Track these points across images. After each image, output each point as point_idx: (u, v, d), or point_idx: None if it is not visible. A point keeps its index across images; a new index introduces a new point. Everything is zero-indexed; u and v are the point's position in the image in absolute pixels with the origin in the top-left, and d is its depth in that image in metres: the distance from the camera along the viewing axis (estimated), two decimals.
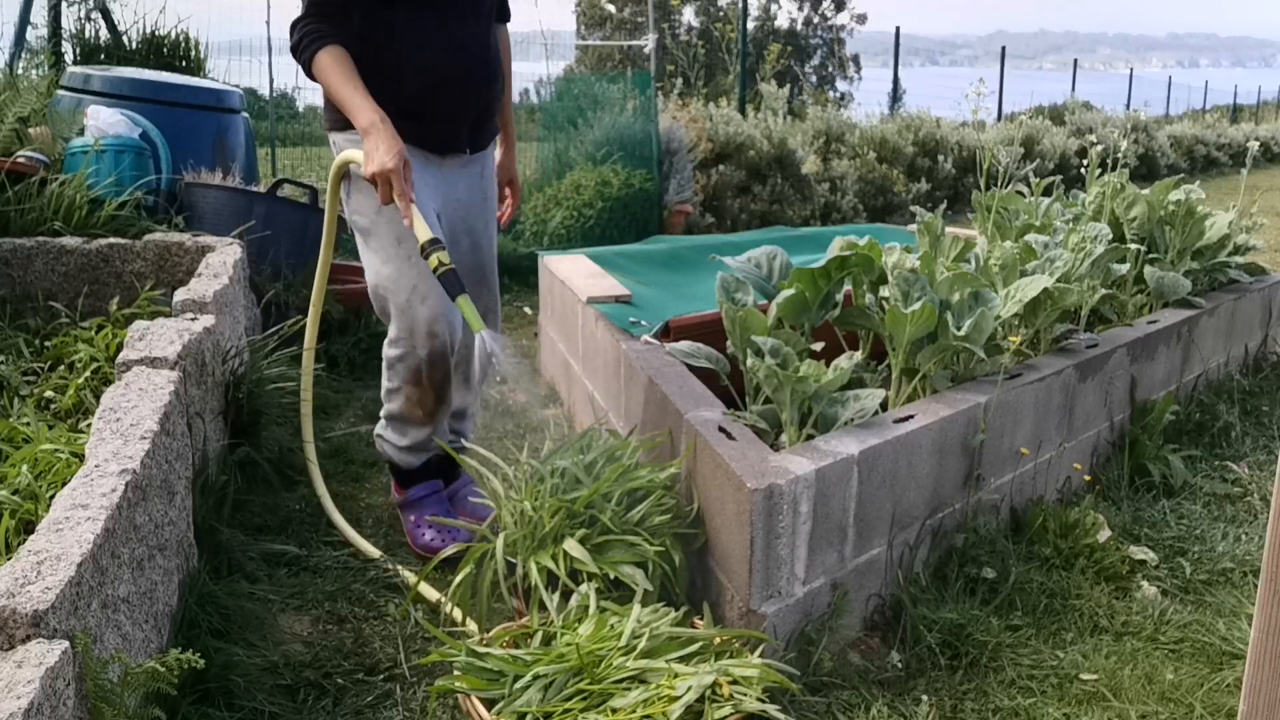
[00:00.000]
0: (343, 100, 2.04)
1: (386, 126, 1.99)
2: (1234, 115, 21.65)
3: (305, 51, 2.05)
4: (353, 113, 2.02)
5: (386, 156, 1.96)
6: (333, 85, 2.05)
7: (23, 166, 3.01)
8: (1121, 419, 2.90)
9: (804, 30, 25.08)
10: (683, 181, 6.19)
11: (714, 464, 1.90)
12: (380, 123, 1.99)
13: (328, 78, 2.05)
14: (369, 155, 1.98)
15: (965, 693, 1.88)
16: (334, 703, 1.82)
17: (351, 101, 2.02)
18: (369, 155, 1.98)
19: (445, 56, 2.18)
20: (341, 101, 2.05)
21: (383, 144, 1.97)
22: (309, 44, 2.05)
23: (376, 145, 1.98)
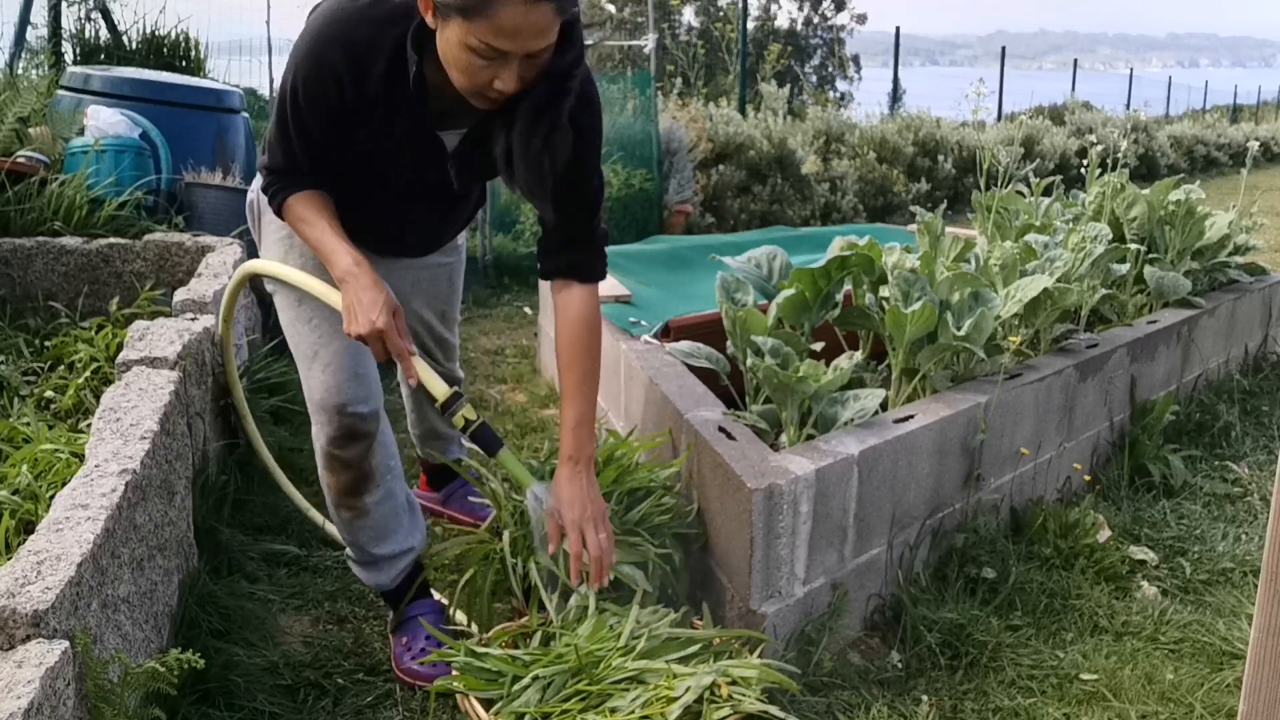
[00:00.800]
0: (315, 244, 1.72)
1: (365, 273, 1.65)
2: (1234, 115, 21.65)
3: (274, 200, 1.76)
4: (327, 258, 1.69)
5: (372, 312, 1.62)
6: (304, 232, 1.73)
7: (23, 166, 3.01)
8: (1121, 419, 2.90)
9: (804, 30, 25.08)
10: (683, 181, 6.19)
11: (714, 464, 1.90)
12: (358, 270, 1.65)
13: (299, 226, 1.74)
14: (350, 311, 1.65)
15: (965, 693, 1.88)
16: (334, 703, 1.82)
17: (325, 245, 1.69)
18: (350, 311, 1.65)
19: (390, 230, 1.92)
20: (315, 246, 1.72)
21: (365, 295, 1.63)
22: (276, 193, 1.75)
23: (358, 298, 1.64)
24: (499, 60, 1.48)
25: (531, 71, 1.53)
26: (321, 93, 1.62)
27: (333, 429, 1.78)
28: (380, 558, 1.91)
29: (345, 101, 1.63)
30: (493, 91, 1.53)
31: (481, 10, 1.43)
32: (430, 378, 1.69)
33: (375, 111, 1.66)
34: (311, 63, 1.61)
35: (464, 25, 1.45)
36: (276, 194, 1.74)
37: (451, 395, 1.70)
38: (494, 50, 1.46)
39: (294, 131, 1.67)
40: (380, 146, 1.72)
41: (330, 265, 1.69)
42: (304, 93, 1.62)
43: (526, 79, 1.53)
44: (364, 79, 1.61)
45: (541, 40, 1.48)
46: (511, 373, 3.78)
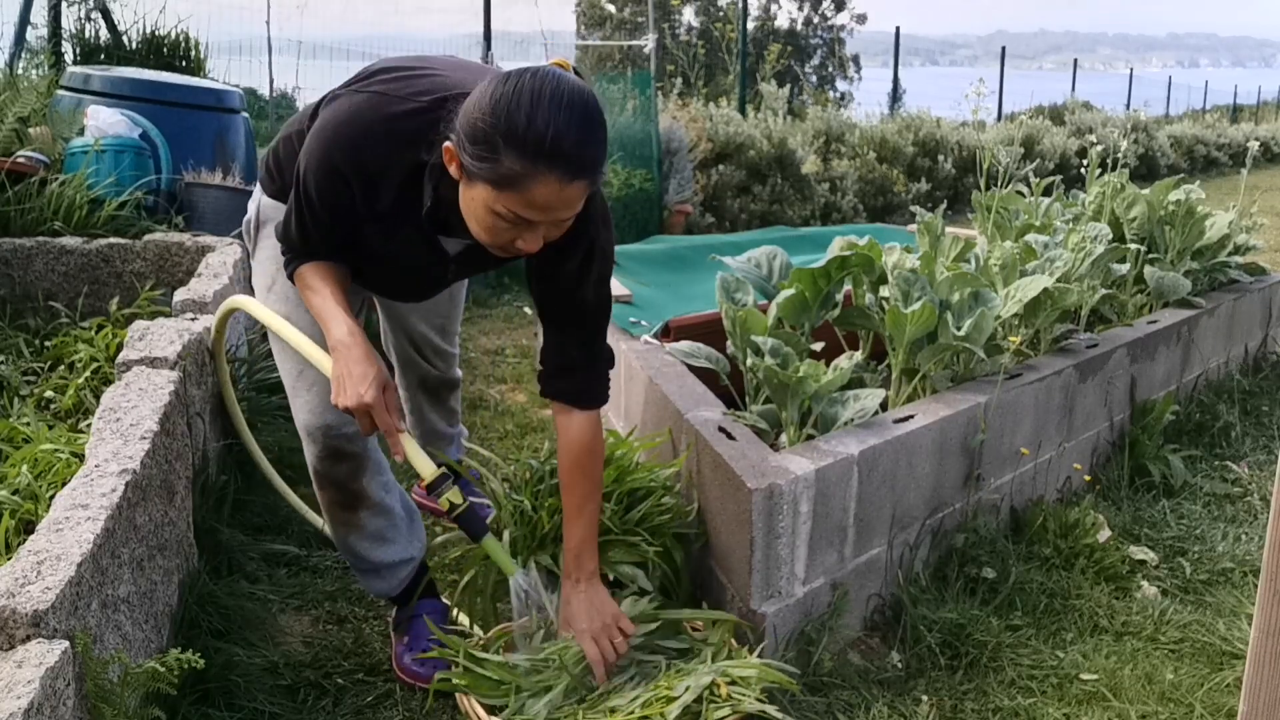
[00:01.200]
0: (317, 312, 1.69)
1: (358, 345, 1.61)
2: (1234, 115, 21.65)
3: (288, 268, 1.75)
4: (325, 325, 1.66)
5: (361, 386, 1.57)
6: (309, 299, 1.70)
7: (23, 166, 3.01)
8: (1121, 419, 2.90)
9: (804, 30, 25.08)
10: (683, 181, 6.19)
11: (714, 464, 1.90)
12: (351, 341, 1.61)
13: (304, 293, 1.72)
14: (340, 382, 1.60)
15: (965, 693, 1.88)
16: (334, 703, 1.82)
17: (325, 313, 1.66)
18: (340, 382, 1.60)
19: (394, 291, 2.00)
20: (316, 313, 1.69)
21: (355, 368, 1.59)
22: (289, 263, 1.74)
23: (349, 369, 1.59)
24: (525, 225, 1.45)
25: (556, 232, 1.51)
26: (333, 196, 1.60)
27: (318, 449, 1.76)
28: (380, 565, 1.89)
29: (355, 205, 1.62)
30: (514, 250, 1.51)
31: (513, 185, 1.39)
32: (418, 457, 1.64)
33: (383, 222, 1.65)
34: (324, 171, 1.59)
35: (492, 193, 1.41)
36: (289, 263, 1.73)
37: (438, 476, 1.65)
38: (521, 219, 1.43)
39: (309, 220, 1.65)
40: (385, 247, 1.71)
41: (326, 332, 1.65)
42: (316, 192, 1.61)
43: (550, 238, 1.51)
44: (375, 194, 1.60)
45: (571, 210, 1.46)
46: (511, 373, 3.78)
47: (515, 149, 1.36)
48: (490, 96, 1.39)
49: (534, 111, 1.35)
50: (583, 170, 1.40)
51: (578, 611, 1.69)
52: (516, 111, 1.36)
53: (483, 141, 1.38)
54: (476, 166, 1.40)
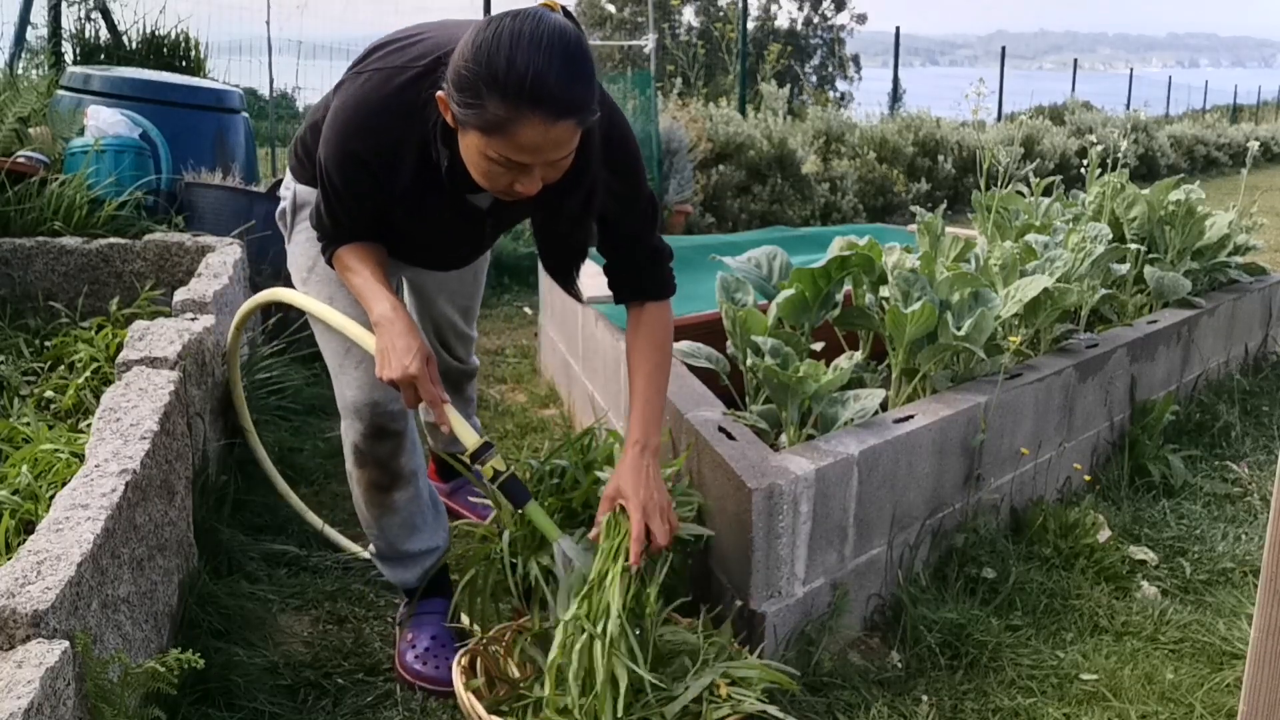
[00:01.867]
0: (358, 291, 1.72)
1: (401, 318, 1.64)
2: (1234, 115, 21.67)
3: (325, 253, 1.79)
4: (367, 303, 1.69)
5: (405, 358, 1.60)
6: (349, 279, 1.74)
7: (23, 166, 3.01)
8: (1121, 419, 2.90)
9: (804, 30, 25.09)
10: (683, 181, 6.20)
11: (714, 464, 1.90)
12: (394, 315, 1.64)
13: (344, 275, 1.75)
14: (384, 355, 1.63)
15: (965, 693, 1.88)
16: (334, 703, 1.82)
17: (366, 291, 1.70)
18: (384, 355, 1.63)
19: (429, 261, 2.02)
20: (357, 293, 1.72)
21: (399, 341, 1.62)
22: (325, 248, 1.78)
23: (392, 343, 1.62)
24: (519, 169, 1.46)
25: (554, 173, 1.51)
26: (355, 181, 1.63)
27: (363, 426, 1.78)
28: (407, 555, 1.92)
29: (379, 185, 1.64)
30: (513, 193, 1.52)
31: (500, 130, 1.40)
32: (462, 427, 1.67)
33: (409, 197, 1.67)
34: (341, 159, 1.61)
35: (482, 139, 1.42)
36: (326, 248, 1.77)
37: (482, 445, 1.68)
38: (513, 163, 1.44)
39: (338, 208, 1.69)
40: (419, 221, 1.74)
41: (369, 309, 1.68)
42: (340, 181, 1.64)
43: (549, 179, 1.51)
44: (394, 172, 1.62)
45: (562, 150, 1.45)
46: (511, 373, 3.78)
47: (498, 93, 1.36)
48: (473, 43, 1.40)
49: (514, 54, 1.36)
50: (568, 110, 1.40)
51: (634, 480, 1.65)
52: (497, 55, 1.36)
53: (468, 88, 1.39)
54: (464, 114, 1.42)
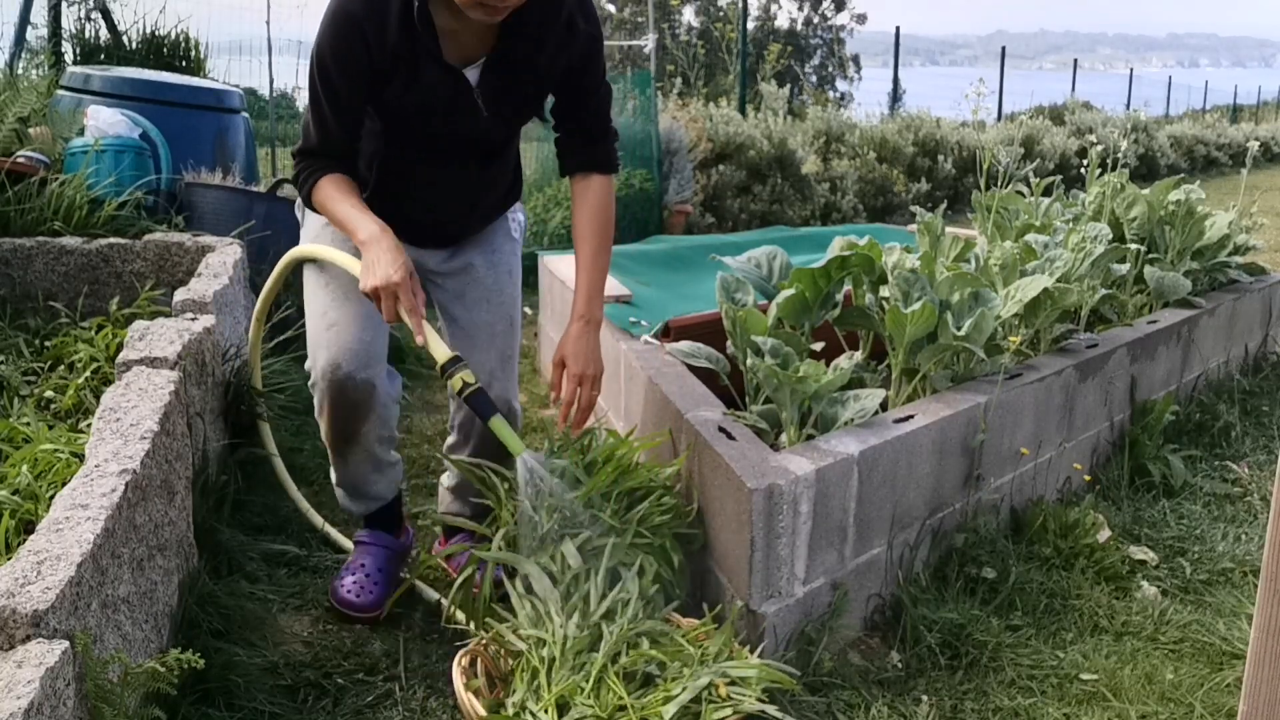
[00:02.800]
0: (342, 219, 1.83)
1: (388, 237, 1.77)
2: (1234, 115, 21.66)
3: (305, 185, 1.88)
4: (352, 228, 1.80)
5: (390, 268, 1.72)
6: (331, 209, 1.84)
7: (23, 166, 3.01)
8: (1121, 419, 2.90)
9: (804, 30, 25.08)
10: (683, 181, 6.19)
11: (714, 464, 1.90)
12: (381, 234, 1.77)
13: (326, 205, 1.85)
14: (369, 267, 1.74)
15: (965, 693, 1.88)
16: (334, 703, 1.82)
17: (349, 217, 1.81)
18: (369, 267, 1.74)
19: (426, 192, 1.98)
20: (341, 221, 1.83)
21: (385, 255, 1.74)
22: (306, 177, 1.87)
23: (378, 257, 1.74)
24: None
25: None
26: (348, 49, 1.74)
27: (325, 385, 1.89)
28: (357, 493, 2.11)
29: (370, 53, 1.74)
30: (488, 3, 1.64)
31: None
32: (434, 340, 1.77)
33: (399, 62, 1.77)
34: (337, 24, 1.74)
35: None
36: (306, 180, 1.86)
37: (451, 359, 1.77)
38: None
39: (326, 102, 1.79)
40: (410, 99, 1.82)
41: (355, 233, 1.79)
42: (332, 55, 1.75)
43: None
44: (384, 29, 1.73)
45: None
46: None
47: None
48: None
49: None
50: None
51: (577, 352, 1.88)
52: None
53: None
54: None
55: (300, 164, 1.88)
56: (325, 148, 1.84)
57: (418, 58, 1.77)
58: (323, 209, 1.86)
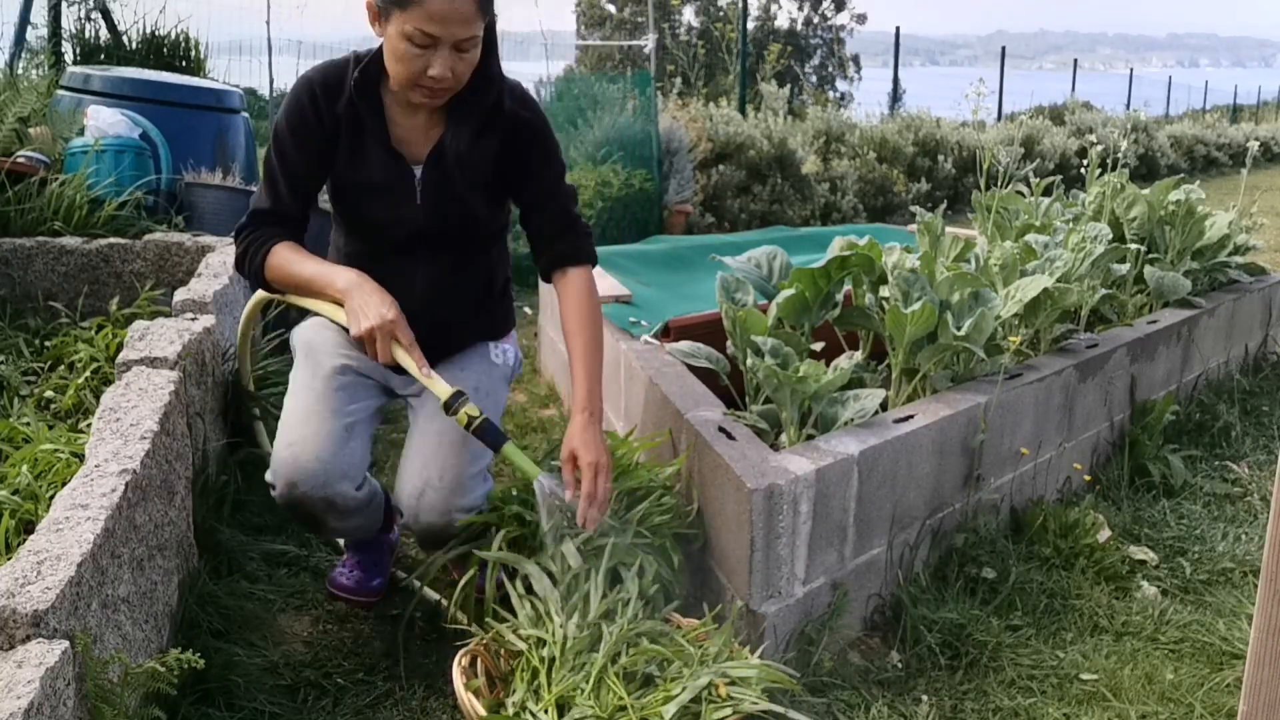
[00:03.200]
0: (311, 279, 1.79)
1: (369, 281, 1.76)
2: (1234, 115, 21.66)
3: (253, 260, 1.82)
4: (326, 281, 1.77)
5: (381, 308, 1.71)
6: (294, 271, 1.80)
7: (23, 166, 3.01)
8: (1121, 419, 2.90)
9: (804, 30, 25.07)
10: (683, 181, 6.19)
11: (714, 464, 1.90)
12: (361, 279, 1.76)
13: (287, 269, 1.80)
14: (358, 312, 1.72)
15: (965, 693, 1.88)
16: (334, 703, 1.82)
17: (319, 273, 1.78)
18: (358, 312, 1.72)
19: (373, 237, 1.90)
20: (310, 281, 1.79)
21: (371, 297, 1.73)
22: (254, 251, 1.82)
23: (365, 299, 1.73)
24: (431, 49, 1.67)
25: (460, 65, 1.70)
26: (300, 112, 1.81)
27: (282, 501, 1.84)
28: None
29: (321, 118, 1.80)
30: (427, 80, 1.69)
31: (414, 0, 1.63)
32: (434, 379, 1.75)
33: (347, 134, 1.82)
34: (295, 89, 1.83)
35: (401, 16, 1.65)
36: (256, 251, 1.82)
37: (454, 394, 1.74)
38: (427, 37, 1.65)
39: (279, 165, 1.83)
40: (354, 176, 1.85)
41: (331, 285, 1.77)
42: (286, 118, 1.82)
43: (457, 72, 1.71)
44: (335, 96, 1.81)
45: (466, 30, 1.66)
46: None
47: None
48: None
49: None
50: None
51: (587, 443, 1.80)
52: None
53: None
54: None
55: (247, 234, 1.83)
56: (276, 210, 1.84)
57: (363, 133, 1.82)
58: (282, 275, 1.81)
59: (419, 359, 1.75)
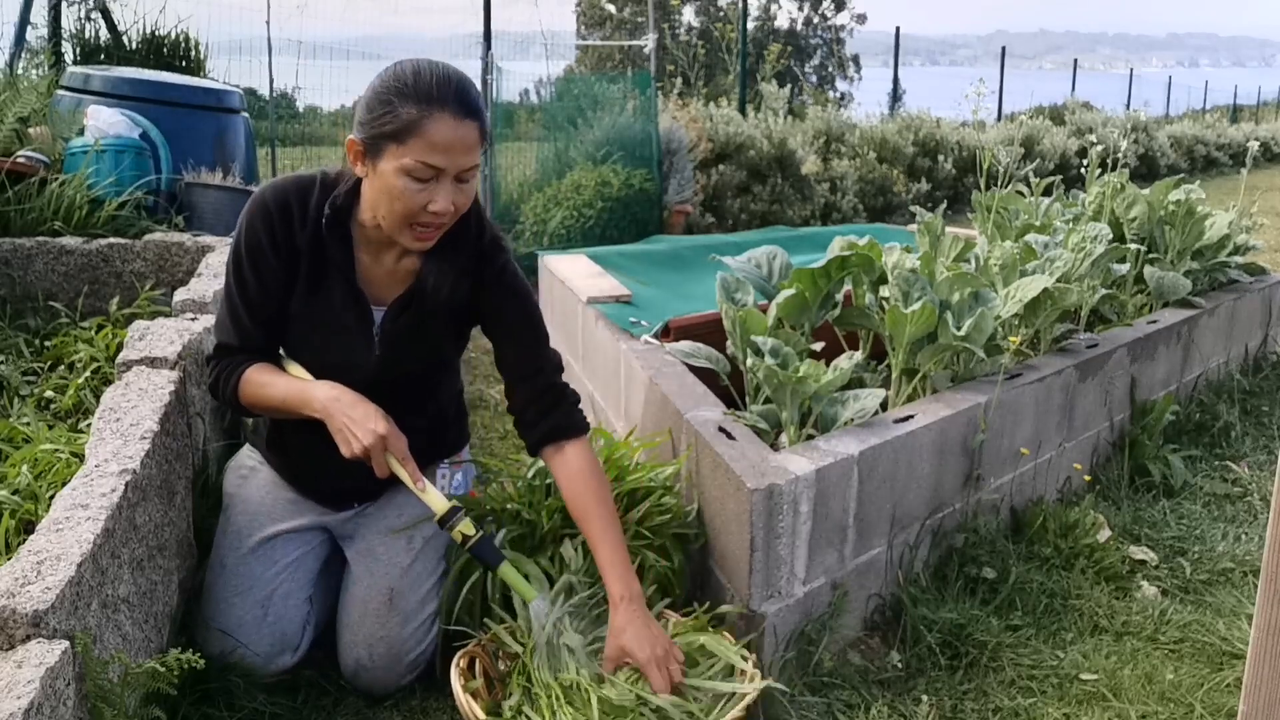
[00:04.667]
0: (282, 397, 1.70)
1: (346, 395, 1.67)
2: (1234, 115, 21.66)
3: (225, 390, 1.74)
4: (303, 400, 1.68)
5: (372, 421, 1.63)
6: (269, 395, 1.71)
7: (23, 166, 3.01)
8: (1121, 419, 2.90)
9: (804, 30, 25.09)
10: (683, 181, 6.19)
11: (714, 464, 1.90)
12: (341, 392, 1.67)
13: (262, 392, 1.71)
14: (346, 430, 1.63)
15: (965, 693, 1.88)
16: (334, 703, 1.82)
17: (294, 391, 1.69)
18: (346, 430, 1.63)
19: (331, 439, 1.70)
20: (282, 399, 1.70)
21: (357, 410, 1.65)
22: (226, 378, 1.74)
23: (351, 415, 1.64)
24: (433, 182, 1.58)
25: (461, 198, 1.61)
26: (255, 239, 1.70)
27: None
28: None
29: (277, 246, 1.70)
30: (427, 216, 1.59)
31: (415, 129, 1.53)
32: (431, 492, 1.70)
33: (306, 265, 1.72)
34: (250, 210, 1.72)
35: (399, 150, 1.55)
36: (228, 378, 1.74)
37: (450, 509, 1.69)
38: (429, 169, 1.55)
39: (237, 293, 1.73)
40: (309, 312, 1.74)
41: (308, 402, 1.68)
42: (245, 247, 1.71)
43: (459, 205, 1.61)
44: (292, 224, 1.71)
45: (470, 158, 1.58)
46: None
47: (409, 98, 1.54)
48: (379, 77, 1.59)
49: (418, 71, 1.57)
50: (471, 110, 1.57)
51: (638, 639, 1.59)
52: (404, 75, 1.56)
53: (379, 106, 1.56)
54: (377, 130, 1.55)
55: (217, 365, 1.77)
56: (243, 346, 1.75)
57: (326, 267, 1.73)
58: (258, 398, 1.72)
59: (413, 472, 1.68)
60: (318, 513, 1.90)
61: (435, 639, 1.85)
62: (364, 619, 1.81)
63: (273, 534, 1.86)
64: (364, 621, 1.81)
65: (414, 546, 1.86)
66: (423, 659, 1.84)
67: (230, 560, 1.84)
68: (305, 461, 1.86)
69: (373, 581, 1.83)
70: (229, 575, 1.83)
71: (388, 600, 1.81)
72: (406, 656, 1.81)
